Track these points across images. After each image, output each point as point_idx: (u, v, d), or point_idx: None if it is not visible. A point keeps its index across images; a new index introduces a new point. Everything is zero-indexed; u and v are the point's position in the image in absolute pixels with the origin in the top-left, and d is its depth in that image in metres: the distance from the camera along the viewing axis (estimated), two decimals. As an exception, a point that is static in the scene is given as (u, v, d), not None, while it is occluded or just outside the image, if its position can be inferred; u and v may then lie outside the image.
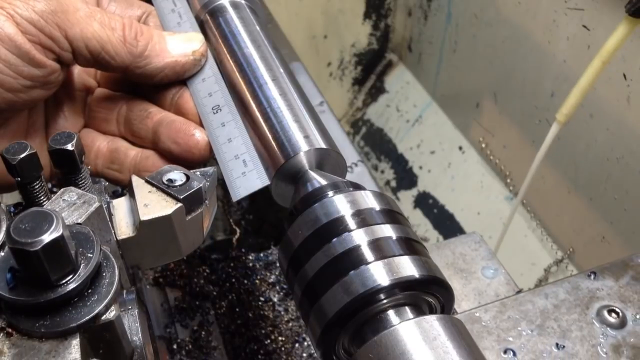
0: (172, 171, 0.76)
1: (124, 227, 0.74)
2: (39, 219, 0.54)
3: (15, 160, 0.68)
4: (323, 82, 2.74)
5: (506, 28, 1.99)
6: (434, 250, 1.06)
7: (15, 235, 0.53)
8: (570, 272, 1.89)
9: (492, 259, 1.06)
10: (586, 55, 1.66)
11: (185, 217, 0.75)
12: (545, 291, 0.88)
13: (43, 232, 0.53)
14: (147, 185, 0.75)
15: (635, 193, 1.62)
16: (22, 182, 0.70)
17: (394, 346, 0.63)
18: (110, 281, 0.60)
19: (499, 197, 2.19)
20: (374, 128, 2.74)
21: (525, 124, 2.02)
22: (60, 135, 0.74)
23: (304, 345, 1.31)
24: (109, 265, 0.62)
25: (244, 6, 1.14)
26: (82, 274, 0.58)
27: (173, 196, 0.74)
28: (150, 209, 0.72)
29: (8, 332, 0.58)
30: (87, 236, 0.61)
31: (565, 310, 0.86)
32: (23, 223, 0.54)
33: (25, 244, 0.53)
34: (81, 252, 0.59)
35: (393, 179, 2.55)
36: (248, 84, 1.00)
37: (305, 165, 0.88)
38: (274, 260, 1.48)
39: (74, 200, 0.67)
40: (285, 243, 0.78)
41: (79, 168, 0.74)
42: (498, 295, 1.01)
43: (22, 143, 0.70)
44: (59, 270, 0.56)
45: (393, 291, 0.69)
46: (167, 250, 0.77)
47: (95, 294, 0.59)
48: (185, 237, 0.77)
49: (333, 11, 2.60)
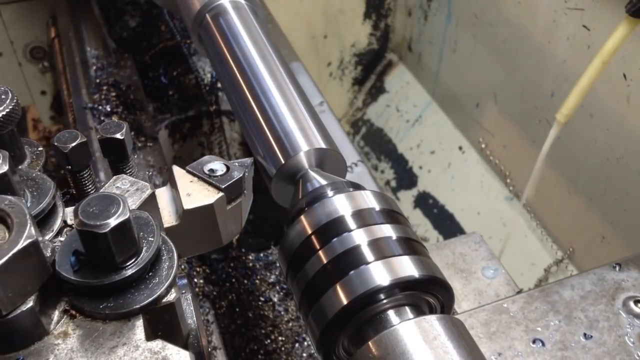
0: (212, 161, 0.78)
1: (167, 216, 0.75)
2: (105, 203, 0.56)
3: (66, 148, 0.70)
4: (323, 82, 2.74)
5: (506, 28, 1.99)
6: (434, 250, 1.06)
7: (84, 217, 0.54)
8: (570, 272, 1.89)
9: (492, 259, 1.06)
10: (586, 55, 1.66)
11: (225, 206, 0.77)
12: (572, 282, 0.89)
13: (110, 215, 0.55)
14: (188, 175, 0.76)
15: (635, 193, 1.62)
16: (72, 170, 0.71)
17: (394, 346, 0.63)
18: (170, 264, 0.62)
19: (499, 197, 2.18)
20: (374, 128, 2.73)
21: (525, 124, 2.02)
22: (109, 124, 0.75)
23: (304, 345, 1.31)
24: (168, 249, 0.63)
25: (244, 6, 1.14)
26: (144, 257, 0.59)
27: (215, 185, 0.75)
28: (193, 198, 0.74)
29: (72, 314, 0.58)
30: (146, 221, 0.62)
31: (591, 301, 0.87)
32: (90, 206, 0.55)
33: (94, 226, 0.54)
34: (142, 237, 0.61)
35: (393, 179, 2.55)
36: (248, 84, 1.00)
37: (305, 165, 0.88)
38: (274, 260, 1.48)
39: (127, 188, 0.68)
40: (285, 243, 0.78)
41: (128, 157, 0.76)
42: (498, 296, 1.01)
43: (73, 132, 0.71)
44: (124, 253, 0.57)
45: (393, 291, 0.69)
46: (207, 238, 0.78)
47: (156, 277, 0.60)
48: (225, 225, 0.78)
49: (333, 11, 2.60)
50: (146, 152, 1.47)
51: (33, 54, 2.18)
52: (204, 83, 1.81)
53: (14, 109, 0.67)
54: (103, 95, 1.62)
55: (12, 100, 0.67)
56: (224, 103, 1.81)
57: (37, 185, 0.65)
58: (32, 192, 0.64)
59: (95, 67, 1.71)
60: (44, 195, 0.64)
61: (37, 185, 0.65)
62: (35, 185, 0.65)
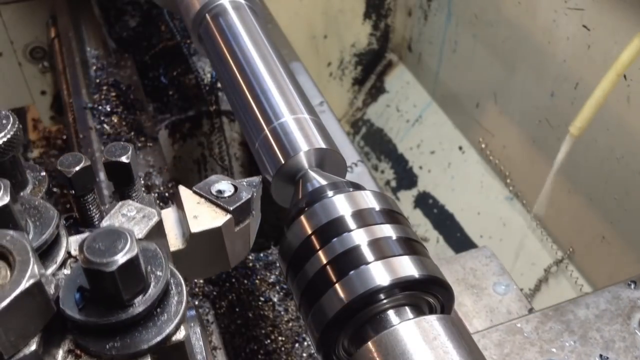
0: (219, 181, 0.75)
1: (173, 239, 0.73)
2: (112, 238, 0.52)
3: (70, 173, 0.66)
4: (323, 82, 2.74)
5: (506, 28, 1.99)
6: (444, 265, 1.03)
7: (90, 255, 0.51)
8: (570, 272, 1.89)
9: (503, 275, 1.04)
10: (586, 55, 1.66)
11: (234, 228, 0.74)
12: (586, 301, 0.88)
13: (117, 252, 0.51)
14: (195, 196, 0.74)
15: (635, 193, 1.62)
16: (76, 194, 0.68)
17: (394, 346, 0.63)
18: (179, 300, 0.58)
19: (498, 197, 2.18)
20: (374, 128, 2.73)
21: (525, 124, 2.02)
22: (114, 147, 0.71)
23: (304, 345, 1.31)
24: (176, 282, 0.60)
25: (244, 6, 1.14)
26: (152, 294, 0.56)
27: (223, 207, 0.73)
28: (200, 220, 0.71)
29: (77, 354, 0.55)
30: (154, 253, 0.59)
31: (607, 321, 0.85)
32: (96, 242, 0.52)
33: (100, 264, 0.51)
34: (150, 270, 0.57)
35: (393, 179, 2.55)
36: (248, 84, 1.00)
37: (305, 165, 0.88)
38: (274, 260, 1.48)
39: (134, 215, 0.65)
40: (285, 243, 0.78)
41: (134, 180, 0.72)
42: (510, 313, 0.99)
43: (77, 155, 0.68)
44: (132, 290, 0.54)
45: (393, 291, 0.69)
46: (214, 261, 0.76)
47: (164, 313, 0.57)
48: (233, 248, 0.76)
49: (333, 11, 2.60)
50: (146, 152, 1.47)
51: (33, 54, 2.18)
52: (204, 83, 1.81)
53: (16, 134, 0.63)
54: (103, 95, 1.62)
55: (13, 126, 0.63)
56: (224, 103, 1.81)
57: (39, 214, 0.62)
58: (35, 221, 0.62)
59: (95, 67, 1.71)
60: (47, 225, 0.61)
61: (39, 215, 0.62)
62: (38, 214, 0.62)
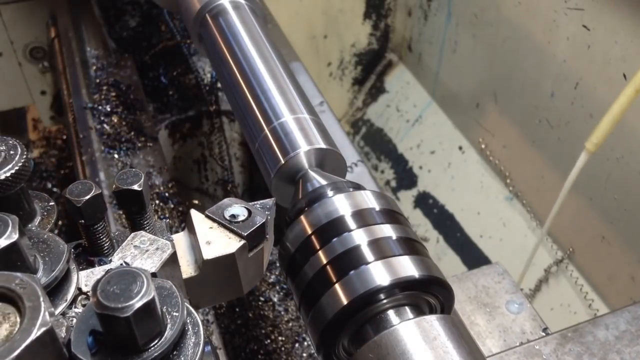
0: (232, 205, 0.73)
1: (185, 266, 0.70)
2: (127, 281, 0.50)
3: (80, 202, 0.64)
4: (323, 82, 2.74)
5: (506, 28, 1.99)
6: (455, 282, 1.01)
7: (104, 299, 0.49)
8: (570, 272, 1.89)
9: (516, 292, 1.02)
10: (586, 55, 1.66)
11: (247, 254, 0.72)
12: (605, 322, 0.87)
13: (133, 296, 0.49)
14: (207, 220, 0.71)
15: (635, 193, 1.62)
16: (86, 224, 0.65)
17: (394, 346, 0.63)
18: (196, 341, 0.55)
19: (498, 197, 2.18)
20: (374, 128, 2.73)
21: (525, 124, 2.02)
22: (126, 174, 0.69)
23: (304, 345, 1.31)
24: (193, 322, 0.56)
25: (244, 6, 1.14)
26: (168, 337, 0.53)
27: (236, 233, 0.70)
28: (213, 247, 0.69)
29: None
30: (170, 292, 0.56)
31: (627, 342, 0.84)
32: (110, 285, 0.49)
33: (115, 309, 0.48)
34: (166, 311, 0.54)
35: (393, 179, 2.55)
36: (248, 84, 1.00)
37: (305, 164, 0.88)
38: (274, 260, 1.48)
39: (146, 247, 0.63)
40: (285, 243, 0.78)
41: (146, 208, 0.70)
42: (524, 332, 0.97)
43: (87, 183, 0.65)
44: (148, 335, 0.52)
45: (393, 291, 0.69)
46: (227, 288, 0.74)
47: (181, 356, 0.54)
48: (247, 273, 0.74)
49: (333, 11, 2.60)
50: (146, 152, 1.47)
51: (33, 54, 2.18)
52: (204, 83, 1.81)
53: (24, 165, 0.61)
54: (103, 95, 1.62)
55: (21, 156, 0.61)
56: (224, 103, 1.81)
57: (49, 248, 0.59)
58: (44, 257, 0.59)
59: (95, 67, 1.71)
60: (56, 260, 0.59)
61: (49, 249, 0.59)
62: (47, 248, 0.59)
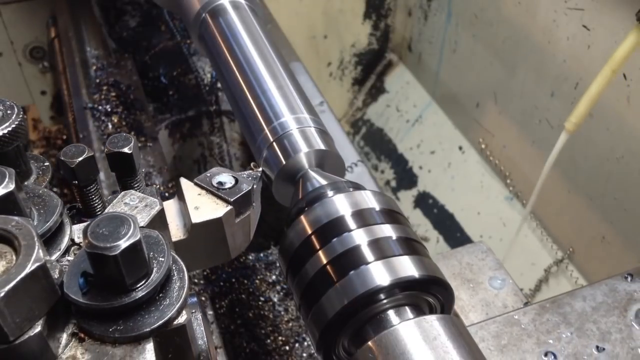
0: (220, 173, 0.77)
1: (175, 230, 0.74)
2: (115, 224, 0.54)
3: (73, 163, 0.68)
4: (323, 82, 2.74)
5: (506, 28, 1.99)
6: (440, 260, 1.04)
7: (94, 239, 0.53)
8: (570, 272, 1.89)
9: (499, 269, 1.04)
10: (586, 55, 1.66)
11: (234, 220, 0.76)
12: (583, 293, 0.88)
13: (121, 237, 0.53)
14: (196, 187, 0.76)
15: (635, 193, 1.62)
16: (79, 185, 0.70)
17: (394, 346, 0.63)
18: (180, 285, 0.60)
19: (498, 197, 2.18)
20: (374, 128, 2.74)
21: (525, 124, 2.02)
22: (117, 138, 0.73)
23: (304, 345, 1.31)
24: (178, 268, 0.61)
25: (244, 6, 1.14)
26: (155, 279, 0.57)
27: (223, 199, 0.74)
28: (201, 211, 0.73)
29: (80, 337, 0.57)
30: (156, 240, 0.60)
31: (603, 313, 0.86)
32: (100, 227, 0.54)
33: (104, 248, 0.52)
34: (153, 257, 0.59)
35: (393, 179, 2.55)
36: (248, 84, 1.00)
37: (305, 164, 0.88)
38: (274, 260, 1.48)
39: (136, 204, 0.67)
40: (285, 243, 0.78)
41: (136, 171, 0.74)
42: (506, 307, 1.00)
43: (80, 146, 0.69)
44: (135, 275, 0.56)
45: (393, 291, 0.69)
46: (215, 252, 0.77)
47: (166, 298, 0.59)
48: (234, 239, 0.78)
49: (333, 11, 2.60)
50: (146, 152, 1.47)
51: (33, 54, 2.18)
52: (204, 83, 1.81)
53: (20, 124, 0.65)
54: (103, 95, 1.62)
55: (17, 116, 0.65)
56: (224, 103, 1.81)
57: (43, 202, 0.64)
58: (39, 209, 0.63)
59: (95, 67, 1.71)
60: (50, 213, 0.63)
61: (43, 203, 0.64)
62: (42, 202, 0.64)
